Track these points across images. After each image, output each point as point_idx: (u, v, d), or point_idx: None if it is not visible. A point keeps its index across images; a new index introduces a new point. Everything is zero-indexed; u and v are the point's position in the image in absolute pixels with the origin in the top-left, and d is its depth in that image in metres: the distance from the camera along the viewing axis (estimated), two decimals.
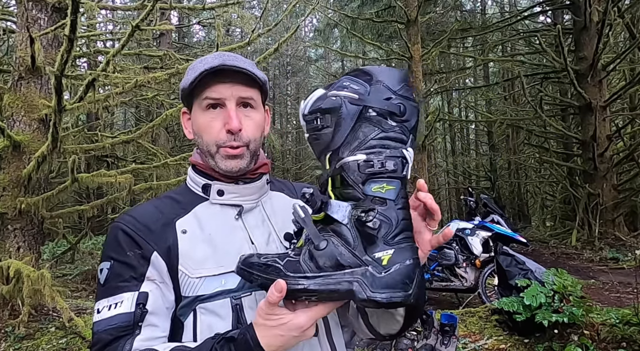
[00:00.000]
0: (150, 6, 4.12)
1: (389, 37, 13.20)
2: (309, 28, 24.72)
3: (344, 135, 0.70)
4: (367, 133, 0.70)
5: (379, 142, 0.69)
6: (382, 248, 0.66)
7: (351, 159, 0.69)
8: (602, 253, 8.02)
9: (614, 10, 8.68)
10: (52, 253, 8.01)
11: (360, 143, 0.70)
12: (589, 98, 8.93)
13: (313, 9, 7.07)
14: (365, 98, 0.70)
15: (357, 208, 0.69)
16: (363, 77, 0.73)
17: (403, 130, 0.71)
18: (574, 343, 2.93)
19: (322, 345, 0.85)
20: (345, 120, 0.70)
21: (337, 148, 0.71)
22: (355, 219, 0.68)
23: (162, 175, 5.67)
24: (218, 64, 0.84)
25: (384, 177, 0.68)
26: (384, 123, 0.70)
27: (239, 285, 0.81)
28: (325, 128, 0.71)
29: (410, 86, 0.73)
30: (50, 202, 4.75)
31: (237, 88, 0.87)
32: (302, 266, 0.68)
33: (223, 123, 0.86)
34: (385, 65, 0.71)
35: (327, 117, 0.71)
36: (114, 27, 11.16)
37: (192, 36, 19.10)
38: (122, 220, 0.85)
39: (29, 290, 3.86)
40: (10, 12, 7.18)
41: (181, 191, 0.95)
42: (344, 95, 0.71)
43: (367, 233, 0.67)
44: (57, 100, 3.69)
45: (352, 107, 0.70)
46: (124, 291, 0.78)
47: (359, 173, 0.68)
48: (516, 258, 4.04)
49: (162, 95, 8.02)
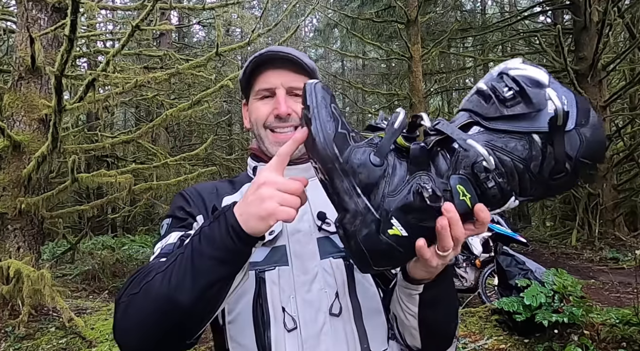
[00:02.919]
0: (150, 6, 4.13)
1: (389, 37, 13.20)
2: (309, 28, 24.72)
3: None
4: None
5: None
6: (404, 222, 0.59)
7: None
8: (602, 253, 8.02)
9: (614, 10, 8.68)
10: (52, 253, 8.01)
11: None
12: (589, 99, 8.93)
13: (313, 9, 7.08)
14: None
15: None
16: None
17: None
18: (574, 343, 2.93)
19: (347, 327, 0.80)
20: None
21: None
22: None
23: (162, 175, 5.68)
24: (266, 51, 0.92)
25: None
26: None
27: (265, 260, 0.83)
28: (512, 107, 0.59)
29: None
30: (50, 202, 4.75)
31: (286, 77, 0.92)
32: (351, 152, 0.61)
33: (272, 108, 0.92)
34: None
35: (519, 99, 0.59)
36: (114, 27, 11.17)
37: (192, 36, 19.09)
38: (185, 189, 0.98)
39: (29, 290, 3.87)
40: (10, 12, 7.18)
41: (241, 175, 1.04)
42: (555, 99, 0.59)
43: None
44: (57, 100, 3.69)
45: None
46: (173, 232, 0.86)
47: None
48: (516, 258, 4.04)
49: (162, 95, 8.03)
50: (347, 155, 0.60)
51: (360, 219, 0.60)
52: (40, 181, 4.73)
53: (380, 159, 0.60)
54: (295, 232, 0.86)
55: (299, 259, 0.84)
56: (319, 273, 0.83)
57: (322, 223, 0.87)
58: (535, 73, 0.60)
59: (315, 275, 0.83)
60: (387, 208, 0.59)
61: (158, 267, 0.68)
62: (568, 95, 0.60)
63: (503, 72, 0.62)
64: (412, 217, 0.59)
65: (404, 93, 11.11)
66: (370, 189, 0.60)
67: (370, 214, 0.60)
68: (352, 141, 0.62)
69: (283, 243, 0.85)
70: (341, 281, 0.83)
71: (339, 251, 0.85)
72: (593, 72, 9.04)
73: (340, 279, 0.83)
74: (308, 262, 0.84)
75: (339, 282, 0.83)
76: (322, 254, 0.85)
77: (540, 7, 11.92)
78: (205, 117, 12.39)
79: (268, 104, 0.93)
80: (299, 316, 0.80)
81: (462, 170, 0.59)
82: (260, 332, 0.79)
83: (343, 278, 0.84)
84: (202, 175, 5.45)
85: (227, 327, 0.82)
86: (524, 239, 5.45)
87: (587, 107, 0.60)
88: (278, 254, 0.84)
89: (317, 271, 0.83)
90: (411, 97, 10.14)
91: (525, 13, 12.23)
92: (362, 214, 0.60)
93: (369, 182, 0.59)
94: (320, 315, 0.80)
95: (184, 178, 5.23)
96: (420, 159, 0.60)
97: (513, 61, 0.64)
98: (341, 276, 0.84)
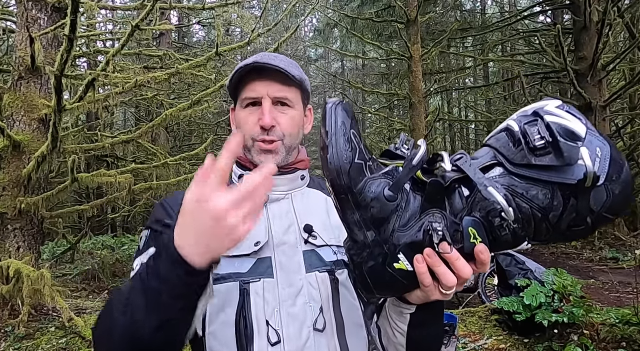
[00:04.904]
0: (150, 6, 4.13)
1: (389, 37, 13.19)
2: (309, 28, 24.71)
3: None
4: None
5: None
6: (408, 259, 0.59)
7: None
8: (602, 253, 8.02)
9: (614, 10, 8.67)
10: (52, 253, 8.01)
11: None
12: (589, 98, 8.93)
13: (313, 9, 7.08)
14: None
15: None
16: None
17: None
18: (574, 343, 2.93)
19: (330, 343, 0.80)
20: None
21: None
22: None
23: (162, 175, 5.67)
24: (252, 62, 0.89)
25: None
26: None
27: (250, 271, 0.82)
28: (541, 156, 0.56)
29: None
30: (50, 202, 4.75)
31: (273, 87, 0.89)
32: (366, 183, 0.59)
33: (257, 118, 0.89)
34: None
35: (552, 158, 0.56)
36: (114, 27, 11.16)
37: (192, 36, 19.09)
38: (165, 198, 0.93)
39: (29, 290, 3.87)
40: (10, 12, 7.18)
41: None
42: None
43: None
44: (57, 100, 3.69)
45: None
46: (153, 246, 0.83)
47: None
48: (516, 258, 4.04)
49: (162, 95, 8.03)
50: (362, 187, 0.59)
51: (367, 252, 0.60)
52: (40, 181, 4.73)
53: (394, 194, 0.59)
54: (281, 244, 0.85)
55: (284, 272, 0.83)
56: (304, 287, 0.82)
57: (308, 236, 0.86)
58: (572, 124, 0.56)
59: (300, 288, 0.82)
60: (396, 243, 0.59)
61: (119, 295, 0.67)
62: (604, 148, 0.57)
63: (539, 113, 0.59)
64: (420, 253, 0.59)
65: (404, 93, 11.11)
66: (381, 223, 0.59)
67: (379, 248, 0.60)
68: (369, 172, 0.60)
69: (269, 254, 0.84)
70: (326, 296, 0.83)
71: (324, 265, 0.85)
72: (593, 72, 9.03)
73: (325, 294, 0.83)
74: (293, 275, 0.83)
75: (323, 297, 0.83)
76: (308, 268, 0.84)
77: (540, 7, 11.92)
78: (205, 117, 12.40)
79: (254, 114, 0.90)
80: (283, 330, 0.79)
81: (477, 212, 0.58)
82: (243, 345, 0.77)
83: (328, 293, 0.83)
84: None
85: (207, 338, 0.80)
86: None
87: (622, 162, 0.58)
88: (264, 266, 0.82)
89: (302, 285, 0.83)
90: (411, 97, 10.14)
91: (525, 13, 12.23)
92: (370, 247, 0.60)
93: (380, 217, 0.59)
94: (304, 330, 0.80)
95: (184, 178, 5.23)
96: (436, 196, 0.59)
97: (551, 103, 0.60)
98: (326, 291, 0.83)
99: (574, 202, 0.56)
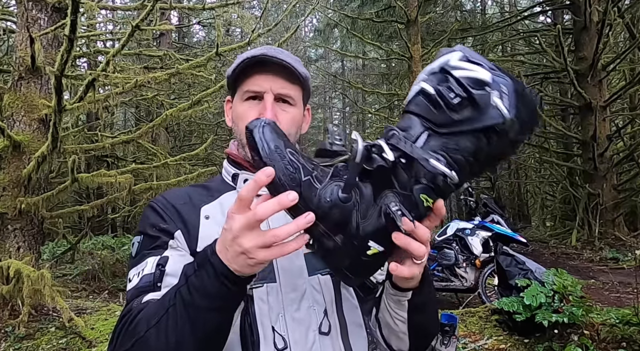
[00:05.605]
0: (150, 6, 4.13)
1: (389, 37, 13.19)
2: (309, 28, 24.71)
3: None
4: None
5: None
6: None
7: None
8: (602, 253, 8.02)
9: (614, 10, 8.67)
10: (52, 253, 8.01)
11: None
12: (589, 98, 8.93)
13: (313, 9, 7.08)
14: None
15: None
16: None
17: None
18: (574, 343, 2.93)
19: (335, 346, 0.81)
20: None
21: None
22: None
23: (162, 175, 5.68)
24: (260, 53, 0.86)
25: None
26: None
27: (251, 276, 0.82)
28: (461, 111, 0.61)
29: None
30: (50, 202, 4.75)
31: (277, 83, 0.87)
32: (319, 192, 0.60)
33: (258, 113, 0.86)
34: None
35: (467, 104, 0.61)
36: (114, 27, 11.16)
37: (192, 36, 19.08)
38: (154, 200, 0.90)
39: (29, 290, 3.87)
40: (10, 12, 7.18)
41: (215, 180, 0.97)
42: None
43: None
44: (57, 100, 3.69)
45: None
46: (149, 257, 0.80)
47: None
48: (516, 258, 4.04)
49: (162, 95, 8.03)
50: (317, 201, 0.59)
51: (341, 253, 0.63)
52: (40, 181, 4.73)
53: (348, 195, 0.60)
54: None
55: (287, 275, 0.82)
56: (308, 290, 0.82)
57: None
58: (478, 73, 0.61)
59: (303, 292, 0.82)
60: (363, 234, 0.61)
61: (147, 318, 0.67)
62: (507, 84, 0.62)
63: (446, 69, 0.63)
64: (386, 234, 0.62)
65: (404, 93, 11.10)
66: (345, 224, 0.61)
67: (350, 245, 0.62)
68: (317, 182, 0.60)
69: None
70: (329, 299, 0.83)
71: (326, 267, 0.84)
72: (593, 72, 9.03)
73: (328, 296, 0.83)
74: (296, 279, 0.82)
75: (327, 300, 0.83)
76: (310, 270, 0.83)
77: (540, 7, 11.92)
78: (205, 117, 12.39)
79: (253, 108, 0.88)
80: (289, 335, 0.78)
81: (423, 178, 0.62)
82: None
83: (331, 295, 0.83)
84: (202, 175, 5.45)
85: None
86: (524, 239, 5.45)
87: (522, 88, 0.64)
88: (266, 270, 0.80)
89: (305, 288, 0.82)
90: None
91: (525, 13, 12.23)
92: (342, 248, 0.62)
93: (342, 220, 0.60)
94: (310, 334, 0.79)
95: (184, 178, 5.23)
96: (383, 179, 0.62)
97: (454, 56, 0.64)
98: (329, 293, 0.83)
99: (495, 137, 0.61)
